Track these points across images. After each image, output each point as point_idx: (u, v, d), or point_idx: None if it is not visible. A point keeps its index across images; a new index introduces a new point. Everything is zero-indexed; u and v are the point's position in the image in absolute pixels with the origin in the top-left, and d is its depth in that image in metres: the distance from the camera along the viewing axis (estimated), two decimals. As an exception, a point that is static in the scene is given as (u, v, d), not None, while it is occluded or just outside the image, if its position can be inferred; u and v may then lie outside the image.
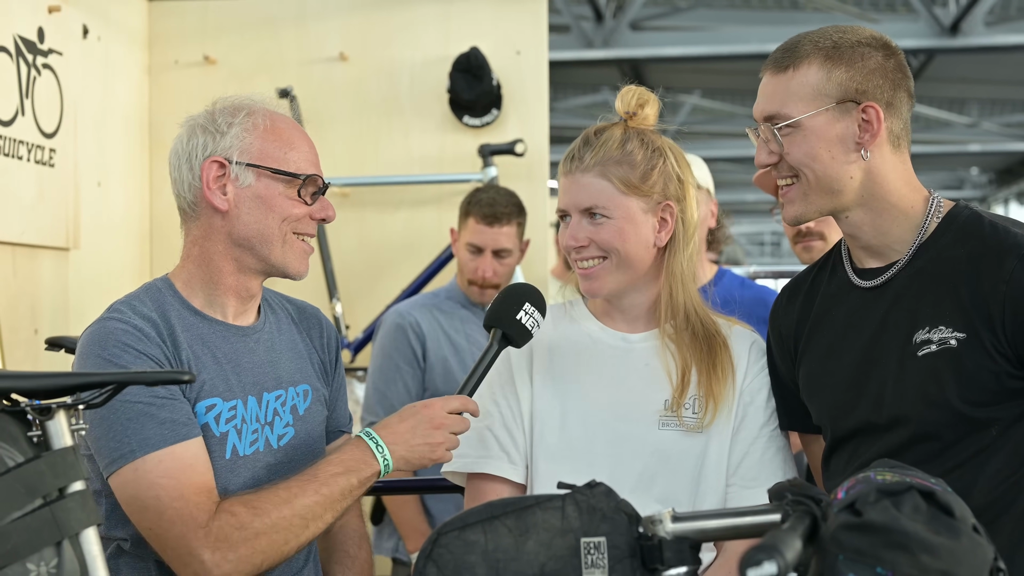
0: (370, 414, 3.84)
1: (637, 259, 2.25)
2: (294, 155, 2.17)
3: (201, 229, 2.17)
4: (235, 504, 2.00)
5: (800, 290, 2.28)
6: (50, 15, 3.78)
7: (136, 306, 2.09)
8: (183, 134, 2.19)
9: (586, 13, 9.42)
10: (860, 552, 1.36)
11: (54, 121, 3.79)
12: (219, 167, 2.14)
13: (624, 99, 2.30)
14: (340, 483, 2.07)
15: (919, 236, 2.08)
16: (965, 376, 1.97)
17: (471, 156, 4.49)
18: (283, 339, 2.29)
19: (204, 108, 2.21)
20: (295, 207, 2.16)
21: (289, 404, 2.24)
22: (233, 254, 2.16)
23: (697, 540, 1.59)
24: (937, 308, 2.01)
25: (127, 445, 1.98)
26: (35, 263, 3.73)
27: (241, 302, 2.21)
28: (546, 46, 4.64)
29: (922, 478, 1.49)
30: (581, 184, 2.24)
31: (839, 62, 2.05)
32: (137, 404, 1.99)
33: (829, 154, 2.05)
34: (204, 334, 2.13)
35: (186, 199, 2.18)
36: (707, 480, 2.24)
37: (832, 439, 2.18)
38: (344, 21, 4.69)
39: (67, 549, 1.61)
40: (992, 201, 21.65)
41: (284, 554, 2.02)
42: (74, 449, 1.65)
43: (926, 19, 9.13)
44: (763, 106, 2.12)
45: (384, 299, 4.46)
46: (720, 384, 2.25)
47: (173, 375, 1.79)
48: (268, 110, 2.20)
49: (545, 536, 1.58)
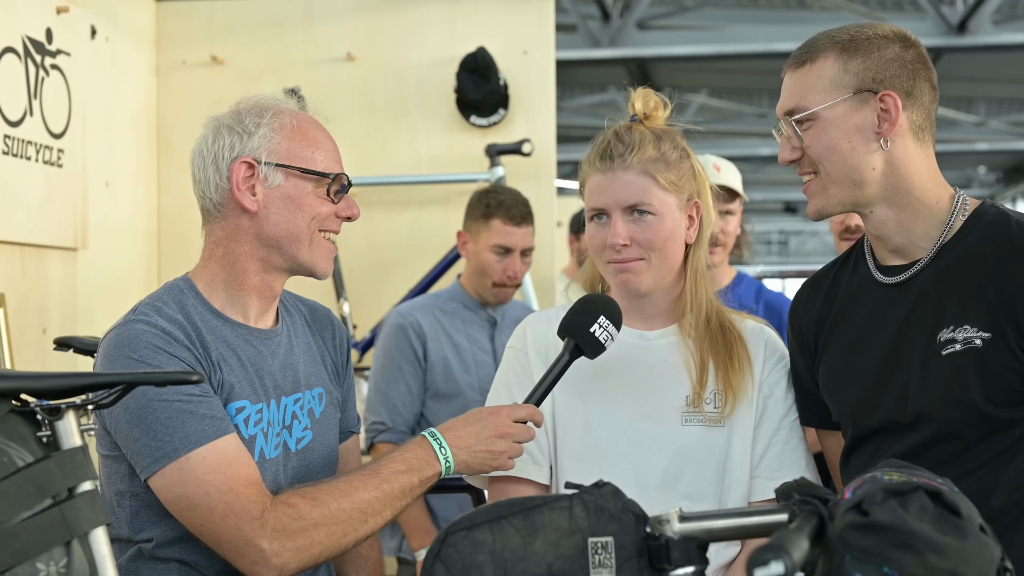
0: (372, 414, 3.85)
1: (674, 256, 2.27)
2: (320, 155, 2.17)
3: (227, 229, 2.17)
4: (293, 496, 2.01)
5: (821, 286, 2.27)
6: (58, 16, 3.79)
7: (161, 308, 2.08)
8: (207, 134, 2.18)
9: (593, 12, 9.42)
10: (867, 552, 1.36)
11: (62, 122, 3.80)
12: (248, 167, 2.13)
13: (642, 100, 2.33)
14: (401, 481, 2.07)
15: (944, 233, 2.06)
16: (990, 376, 1.95)
17: (478, 156, 4.50)
18: (299, 341, 2.30)
19: (228, 108, 2.21)
20: (323, 206, 2.17)
21: (306, 407, 2.24)
22: (259, 254, 2.16)
23: (704, 540, 1.59)
24: (962, 307, 2.00)
25: (169, 444, 1.97)
26: (43, 263, 3.74)
27: (264, 303, 2.21)
28: (553, 46, 4.65)
29: (929, 478, 1.49)
30: (623, 181, 2.24)
31: (855, 53, 2.06)
32: (175, 403, 1.99)
33: (849, 144, 2.05)
34: (227, 337, 2.13)
35: (212, 200, 2.17)
36: (731, 473, 2.25)
37: (853, 436, 2.18)
38: (351, 21, 4.70)
39: (76, 549, 1.62)
40: (999, 200, 21.61)
41: (342, 546, 2.03)
42: (83, 449, 1.66)
43: (933, 18, 9.11)
44: (783, 102, 2.12)
45: (391, 299, 4.47)
46: (738, 376, 2.26)
47: (182, 375, 1.78)
48: (293, 110, 2.20)
49: (553, 536, 1.59)
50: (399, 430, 3.80)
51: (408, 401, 3.81)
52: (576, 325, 2.18)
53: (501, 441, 2.13)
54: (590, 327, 2.17)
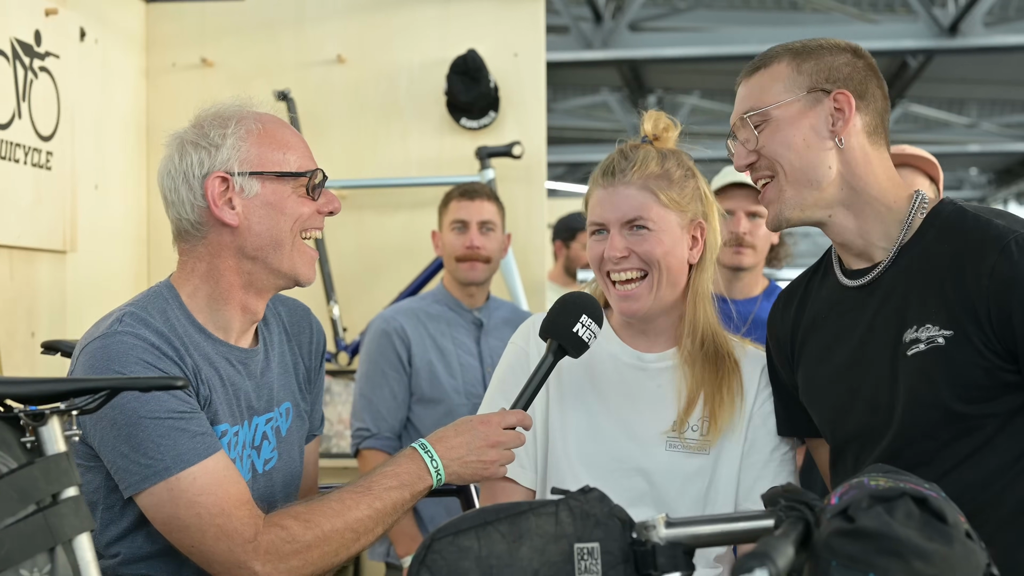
0: (357, 420, 3.86)
1: (676, 274, 2.27)
2: (292, 154, 2.13)
3: (209, 247, 2.10)
4: (285, 518, 1.99)
5: (795, 294, 2.28)
6: (47, 18, 3.78)
7: (147, 320, 2.02)
8: (172, 153, 2.11)
9: (585, 14, 9.40)
10: (853, 558, 1.36)
11: (51, 124, 3.79)
12: (222, 181, 2.07)
13: (652, 121, 2.34)
14: (393, 496, 2.06)
15: (903, 233, 2.06)
16: (955, 374, 1.95)
17: (469, 158, 4.50)
18: (275, 356, 2.26)
19: (188, 123, 2.14)
20: (304, 205, 2.12)
21: (274, 426, 2.22)
22: (244, 268, 2.11)
23: (691, 546, 1.59)
24: (923, 306, 2.00)
25: (160, 462, 1.93)
26: (32, 266, 3.73)
27: (246, 321, 2.16)
28: (543, 48, 4.65)
29: (916, 483, 1.49)
30: (623, 196, 2.25)
31: (808, 58, 2.08)
32: (167, 420, 1.95)
33: (804, 142, 2.05)
34: (209, 354, 2.09)
35: (188, 219, 2.10)
36: (715, 501, 2.25)
37: (834, 444, 2.18)
38: (342, 24, 4.69)
39: (60, 555, 1.61)
40: (991, 201, 21.64)
41: (334, 564, 2.02)
42: (67, 455, 1.64)
43: (925, 20, 9.11)
44: (738, 108, 2.14)
45: (382, 301, 4.46)
46: (726, 408, 2.26)
47: (166, 381, 1.77)
48: (255, 113, 2.15)
49: (539, 542, 1.58)
50: (384, 436, 3.80)
51: (393, 407, 3.80)
52: (559, 325, 2.19)
53: (492, 451, 2.12)
54: (573, 327, 2.18)
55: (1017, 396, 1.96)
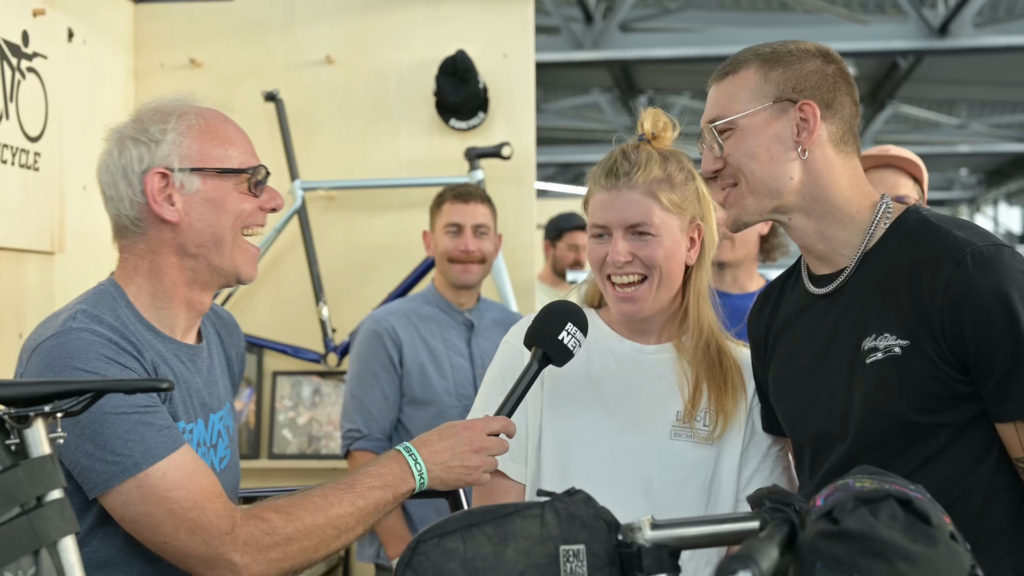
0: (347, 421, 3.84)
1: (675, 277, 2.29)
2: (234, 150, 2.09)
3: (149, 244, 2.07)
4: (265, 511, 1.98)
5: (771, 297, 2.29)
6: (35, 18, 3.77)
7: (101, 317, 1.99)
8: (111, 148, 2.07)
9: (575, 15, 9.41)
10: (837, 560, 1.36)
11: (39, 125, 3.78)
12: (162, 177, 2.04)
13: (652, 120, 2.34)
14: (376, 497, 2.05)
15: (865, 241, 2.07)
16: (910, 383, 1.96)
17: (458, 159, 4.49)
18: (216, 354, 2.24)
19: (128, 117, 2.11)
20: (245, 202, 2.09)
21: (225, 424, 2.21)
22: (186, 265, 2.08)
23: (676, 547, 1.59)
24: (882, 316, 2.00)
25: (129, 458, 1.90)
26: (20, 267, 3.72)
27: (191, 318, 2.13)
28: (532, 49, 4.65)
29: (901, 485, 1.49)
30: (628, 200, 2.25)
31: (776, 65, 2.07)
32: (133, 414, 1.91)
33: (768, 153, 2.05)
34: (160, 351, 2.05)
35: (128, 216, 2.06)
36: (718, 493, 2.27)
37: (795, 445, 2.21)
38: (331, 24, 4.68)
39: (45, 558, 1.60)
40: (981, 202, 21.71)
41: (314, 560, 2.00)
42: (52, 457, 1.64)
43: (915, 20, 9.13)
44: (706, 113, 2.13)
45: (371, 302, 4.46)
46: (730, 399, 2.28)
47: (152, 383, 1.76)
48: (197, 108, 2.11)
49: (524, 544, 1.58)
50: (375, 438, 3.79)
51: (384, 408, 3.79)
52: (544, 333, 2.19)
53: (476, 456, 2.11)
54: (558, 335, 2.18)
55: (970, 407, 1.96)
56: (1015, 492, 1.99)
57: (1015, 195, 20.97)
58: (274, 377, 4.65)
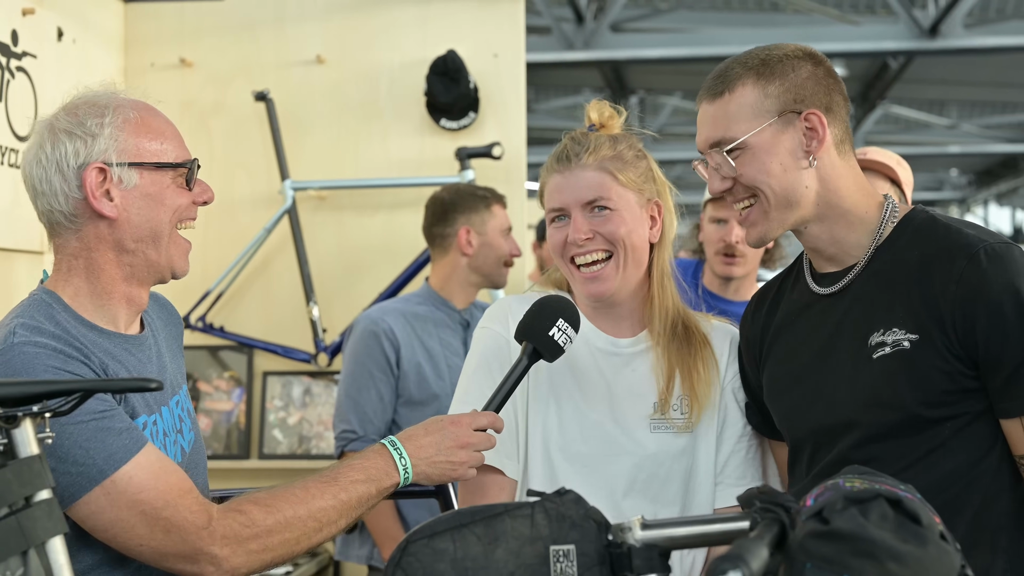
0: (342, 422, 3.78)
1: (640, 252, 2.28)
2: (169, 144, 2.06)
3: (84, 240, 2.02)
4: (244, 503, 1.96)
5: (767, 297, 2.30)
6: (24, 18, 3.76)
7: (39, 327, 1.93)
8: (43, 141, 2.02)
9: (567, 15, 9.41)
10: (827, 560, 1.36)
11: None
12: (99, 172, 2.00)
13: (597, 110, 2.35)
14: (359, 490, 2.04)
15: (875, 240, 2.09)
16: (919, 377, 1.97)
17: (449, 159, 4.49)
18: (162, 340, 2.22)
19: (58, 109, 2.06)
20: (181, 197, 2.06)
21: (184, 407, 2.19)
22: (124, 260, 2.04)
23: (666, 548, 1.59)
24: (891, 311, 2.02)
25: (93, 466, 1.86)
26: (9, 267, 3.71)
27: (132, 312, 2.10)
28: (523, 49, 4.64)
29: (892, 484, 1.49)
30: (581, 178, 2.26)
31: (772, 77, 2.07)
32: (91, 422, 1.87)
33: (781, 167, 2.06)
34: (108, 348, 2.02)
35: (62, 211, 2.01)
36: (696, 479, 2.27)
37: (791, 444, 2.20)
38: (322, 24, 4.68)
39: (33, 558, 1.60)
40: (971, 202, 21.75)
41: (295, 553, 1.99)
42: (40, 457, 1.63)
43: (905, 21, 9.15)
44: (707, 134, 2.12)
45: (361, 302, 4.45)
46: (703, 383, 2.28)
47: (141, 383, 1.75)
48: (131, 101, 2.07)
49: (514, 544, 1.58)
50: (370, 439, 3.74)
51: (380, 409, 3.77)
52: (534, 328, 2.18)
53: (462, 451, 2.11)
54: (548, 330, 2.17)
55: (975, 402, 1.98)
56: (1016, 490, 2.01)
57: (1005, 195, 21.03)
58: (264, 377, 4.64)
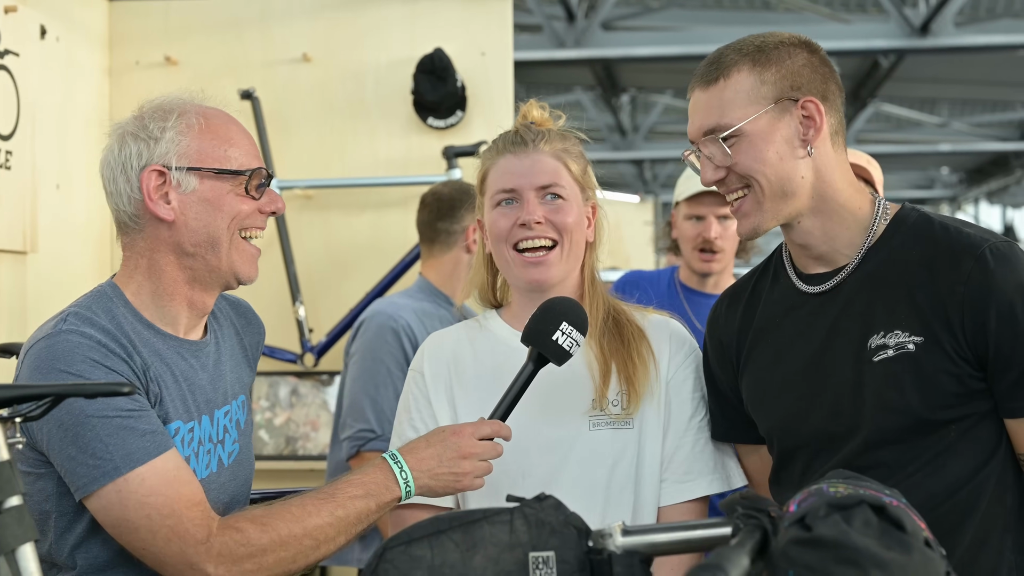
0: (358, 420, 3.66)
1: (579, 250, 2.27)
2: (234, 151, 2.08)
3: (147, 241, 2.08)
4: (241, 520, 1.95)
5: (741, 297, 2.24)
6: (6, 15, 3.72)
7: (92, 318, 1.97)
8: (112, 144, 2.09)
9: (558, 13, 9.39)
10: (810, 567, 1.34)
11: (10, 123, 3.73)
12: (158, 175, 2.04)
13: (538, 109, 2.35)
14: (357, 506, 2.01)
15: (868, 239, 2.05)
16: (925, 380, 1.94)
17: (436, 158, 4.46)
18: (226, 348, 2.23)
19: (131, 113, 2.12)
20: (243, 204, 2.08)
21: (234, 419, 2.19)
22: (184, 264, 2.07)
23: (647, 554, 1.56)
24: (891, 312, 1.99)
25: (109, 462, 1.89)
26: (-9, 267, 3.68)
27: (194, 316, 2.13)
28: (511, 47, 4.62)
29: (876, 490, 1.47)
30: (537, 162, 2.24)
31: (768, 64, 2.03)
32: (115, 419, 1.90)
33: (777, 155, 2.02)
34: (160, 350, 2.04)
35: (126, 212, 2.08)
36: (644, 475, 2.22)
37: (781, 451, 2.15)
38: (308, 22, 4.65)
39: (3, 565, 1.58)
40: (962, 200, 21.78)
41: (292, 571, 1.97)
42: (11, 463, 1.61)
43: (896, 19, 9.15)
44: (701, 122, 2.07)
45: (349, 302, 4.42)
46: (641, 372, 2.23)
47: (112, 387, 1.73)
48: (200, 107, 2.11)
49: (493, 551, 1.56)
50: (388, 438, 3.69)
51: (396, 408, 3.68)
52: (539, 333, 2.12)
53: (465, 462, 2.06)
54: (553, 334, 2.10)
55: (981, 403, 1.96)
56: (1021, 489, 1.99)
57: (996, 194, 21.05)
58: (251, 378, 4.61)
